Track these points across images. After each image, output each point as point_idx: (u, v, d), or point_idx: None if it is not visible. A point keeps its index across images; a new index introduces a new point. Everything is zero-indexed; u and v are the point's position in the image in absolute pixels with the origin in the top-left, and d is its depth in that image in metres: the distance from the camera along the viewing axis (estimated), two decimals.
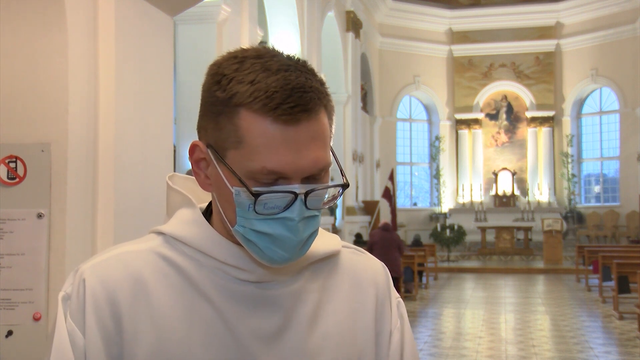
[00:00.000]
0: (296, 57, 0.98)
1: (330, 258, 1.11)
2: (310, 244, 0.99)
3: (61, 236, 2.50)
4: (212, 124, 0.97)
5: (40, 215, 2.48)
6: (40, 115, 2.53)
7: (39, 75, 2.53)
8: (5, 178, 2.50)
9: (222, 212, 0.99)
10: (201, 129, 1.00)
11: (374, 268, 1.15)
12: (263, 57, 0.96)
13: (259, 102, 0.92)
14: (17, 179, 2.50)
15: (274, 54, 0.97)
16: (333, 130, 1.00)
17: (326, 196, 0.99)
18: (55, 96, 2.53)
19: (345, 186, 0.98)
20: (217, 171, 0.97)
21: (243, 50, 0.98)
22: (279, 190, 0.93)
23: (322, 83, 0.98)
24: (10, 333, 2.46)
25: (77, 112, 2.58)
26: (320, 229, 1.06)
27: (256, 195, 0.92)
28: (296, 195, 0.93)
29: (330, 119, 0.99)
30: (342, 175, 1.00)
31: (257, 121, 0.92)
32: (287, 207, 0.93)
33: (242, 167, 0.94)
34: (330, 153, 0.99)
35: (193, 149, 1.01)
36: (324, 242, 1.08)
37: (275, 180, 0.93)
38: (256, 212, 0.93)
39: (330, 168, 1.00)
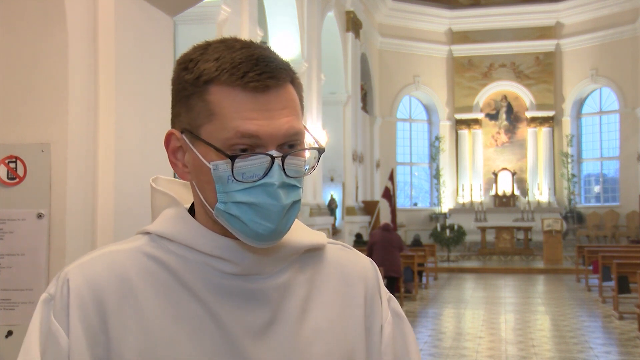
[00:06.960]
0: (258, 42, 1.02)
1: (317, 252, 1.10)
2: (294, 217, 0.99)
3: (61, 236, 2.50)
4: (184, 108, 0.99)
5: (40, 215, 2.48)
6: (40, 115, 2.53)
7: (39, 75, 2.53)
8: (5, 178, 2.50)
9: (202, 199, 0.99)
10: (174, 118, 1.02)
11: (362, 263, 1.14)
12: (226, 41, 1.00)
13: (225, 74, 0.95)
14: (17, 179, 2.50)
15: (237, 39, 1.00)
16: (304, 108, 1.02)
17: (305, 167, 0.99)
18: (55, 96, 2.52)
19: (321, 150, 0.99)
20: (194, 154, 0.98)
21: (207, 41, 1.02)
22: (256, 153, 0.94)
23: (285, 61, 1.00)
24: (10, 333, 2.46)
25: (77, 112, 2.58)
26: (305, 225, 1.07)
27: (232, 157, 0.93)
28: (272, 158, 0.94)
29: (299, 95, 1.01)
30: (316, 142, 1.00)
31: (226, 92, 0.95)
32: (266, 173, 0.94)
33: (217, 139, 0.95)
34: (304, 128, 1.00)
35: (169, 138, 1.02)
36: (308, 234, 1.09)
37: (252, 148, 0.94)
38: (235, 179, 0.93)
39: (307, 151, 1.01)
